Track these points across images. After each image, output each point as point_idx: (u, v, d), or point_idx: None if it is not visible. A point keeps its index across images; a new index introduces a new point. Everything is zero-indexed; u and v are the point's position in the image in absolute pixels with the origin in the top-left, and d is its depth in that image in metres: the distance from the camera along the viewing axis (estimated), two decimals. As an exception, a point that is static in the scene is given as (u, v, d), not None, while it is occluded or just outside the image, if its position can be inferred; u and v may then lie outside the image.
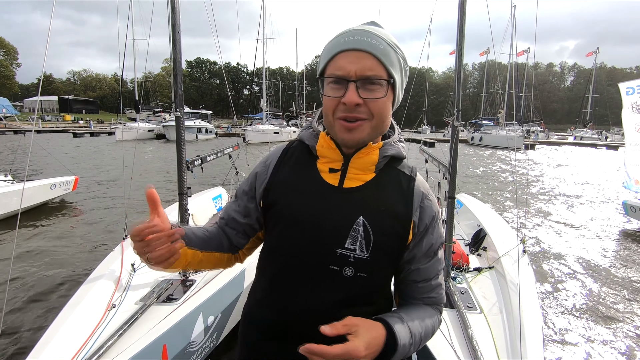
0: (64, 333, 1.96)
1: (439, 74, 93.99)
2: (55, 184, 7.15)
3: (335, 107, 0.73)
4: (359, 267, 0.76)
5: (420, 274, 0.84)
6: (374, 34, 0.72)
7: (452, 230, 3.03)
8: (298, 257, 0.77)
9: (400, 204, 0.79)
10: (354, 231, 0.75)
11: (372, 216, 0.76)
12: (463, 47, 2.82)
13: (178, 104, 2.61)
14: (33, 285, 3.97)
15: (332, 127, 0.76)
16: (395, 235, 0.78)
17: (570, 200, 9.30)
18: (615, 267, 4.91)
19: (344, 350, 0.61)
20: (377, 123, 0.75)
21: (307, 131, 0.86)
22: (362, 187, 0.79)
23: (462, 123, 2.93)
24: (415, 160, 6.25)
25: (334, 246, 0.75)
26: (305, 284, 0.77)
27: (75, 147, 20.43)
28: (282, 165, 0.84)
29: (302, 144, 0.86)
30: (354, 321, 0.66)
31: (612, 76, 75.75)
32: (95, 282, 2.52)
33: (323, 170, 0.81)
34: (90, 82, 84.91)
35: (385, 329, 0.69)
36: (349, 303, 0.77)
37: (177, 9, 2.54)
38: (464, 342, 2.18)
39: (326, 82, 0.74)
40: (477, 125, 36.53)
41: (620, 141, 32.36)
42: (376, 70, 0.71)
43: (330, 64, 0.74)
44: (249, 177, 0.90)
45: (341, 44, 0.72)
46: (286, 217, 0.79)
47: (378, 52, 0.71)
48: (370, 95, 0.71)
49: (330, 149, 0.80)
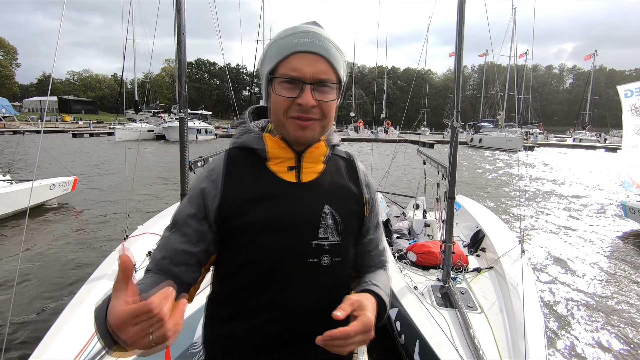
0: (67, 333, 1.97)
1: (439, 75, 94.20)
2: (55, 184, 7.14)
3: (288, 107, 0.75)
4: (334, 252, 0.80)
5: (372, 243, 0.95)
6: (325, 37, 0.75)
7: (452, 231, 3.04)
8: (276, 262, 0.77)
9: (352, 186, 0.88)
10: (323, 220, 0.80)
11: (335, 202, 0.82)
12: (462, 49, 2.84)
13: (182, 105, 2.62)
14: (33, 286, 3.97)
15: (283, 126, 0.77)
16: (355, 214, 0.86)
17: (569, 201, 9.32)
18: (613, 267, 4.93)
19: (362, 324, 0.66)
20: (327, 123, 0.79)
21: (248, 135, 0.83)
22: (318, 178, 0.83)
23: (461, 124, 2.95)
24: (415, 161, 6.17)
25: (309, 239, 0.78)
26: (290, 285, 0.78)
27: (75, 148, 20.41)
28: (231, 176, 0.80)
29: (244, 149, 0.83)
30: (354, 298, 0.71)
31: (611, 78, 76.01)
32: (97, 282, 2.52)
33: (279, 171, 0.81)
34: (90, 83, 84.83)
35: (374, 296, 0.78)
36: (331, 289, 0.81)
37: (182, 11, 2.55)
38: (465, 341, 2.19)
39: (277, 81, 0.75)
40: (476, 127, 36.61)
41: (619, 143, 32.47)
42: (329, 74, 0.75)
43: (284, 63, 0.74)
44: (192, 198, 0.80)
45: (294, 44, 0.73)
46: (254, 226, 0.76)
47: (330, 57, 0.74)
48: (323, 97, 0.74)
49: (281, 148, 0.80)
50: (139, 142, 16.15)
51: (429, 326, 2.19)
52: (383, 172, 5.75)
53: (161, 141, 26.55)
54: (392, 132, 39.63)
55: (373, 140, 24.24)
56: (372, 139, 24.23)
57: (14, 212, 6.29)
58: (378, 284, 0.86)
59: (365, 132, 40.46)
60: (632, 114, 6.23)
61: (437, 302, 2.65)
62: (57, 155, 15.24)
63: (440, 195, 4.19)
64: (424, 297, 2.71)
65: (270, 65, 0.76)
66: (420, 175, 5.26)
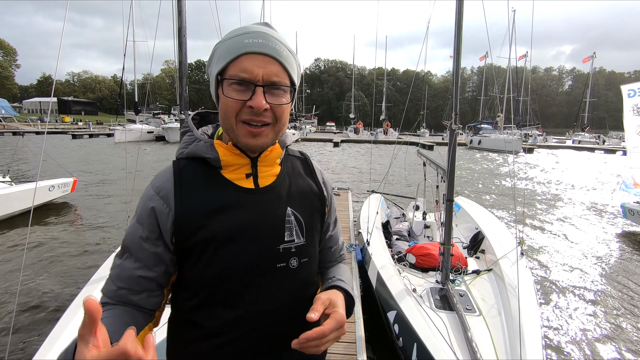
0: (68, 336, 1.97)
1: (438, 77, 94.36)
2: (54, 186, 7.13)
3: (239, 110, 0.71)
4: (301, 253, 0.80)
5: (333, 239, 0.95)
6: (276, 39, 0.73)
7: (451, 233, 3.04)
8: (244, 272, 0.74)
9: (312, 185, 0.88)
10: (287, 223, 0.79)
11: (296, 203, 0.82)
12: (460, 51, 2.85)
13: (183, 107, 2.63)
14: (33, 288, 3.96)
15: (233, 130, 0.74)
16: (317, 212, 0.86)
17: (568, 202, 9.33)
18: (613, 269, 4.93)
19: (335, 321, 0.67)
20: (280, 127, 0.76)
21: (197, 144, 0.79)
22: (276, 181, 0.82)
23: (460, 126, 2.95)
24: (413, 163, 6.16)
25: (276, 244, 0.77)
26: (260, 294, 0.75)
27: (74, 149, 20.40)
28: (183, 190, 0.74)
29: (194, 159, 0.78)
30: (324, 297, 0.72)
31: (610, 80, 76.20)
32: (97, 285, 2.53)
33: (235, 178, 0.78)
34: (90, 84, 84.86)
35: (341, 292, 0.80)
36: (300, 290, 0.81)
37: (183, 13, 2.56)
38: (463, 344, 2.19)
39: (227, 82, 0.71)
40: (475, 129, 36.64)
41: (618, 145, 32.52)
42: (281, 77, 0.72)
43: (233, 64, 0.71)
44: (141, 218, 0.73)
45: (245, 45, 0.70)
46: (216, 239, 0.72)
47: (282, 59, 0.72)
48: (275, 100, 0.72)
49: (234, 155, 0.77)
50: (139, 143, 16.15)
51: (426, 329, 2.19)
52: (383, 173, 5.76)
53: (161, 142, 26.55)
54: (391, 133, 39.65)
55: (372, 141, 24.26)
56: (372, 140, 24.25)
57: (14, 213, 6.29)
58: (343, 279, 0.86)
59: (365, 134, 40.50)
60: (633, 114, 6.23)
61: (436, 305, 2.65)
62: (57, 157, 15.23)
63: (439, 197, 4.20)
64: (423, 300, 2.71)
65: (219, 66, 0.72)
66: (420, 176, 5.26)
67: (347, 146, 29.02)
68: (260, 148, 0.76)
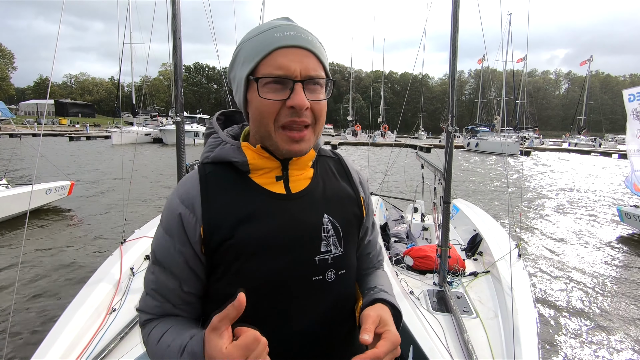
0: (66, 337, 1.98)
1: (436, 80, 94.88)
2: (51, 189, 7.09)
3: (277, 112, 0.64)
4: (338, 265, 0.73)
5: (371, 244, 0.88)
6: (308, 31, 0.66)
7: (448, 235, 3.06)
8: (277, 286, 0.67)
9: (347, 187, 0.80)
10: (324, 232, 0.71)
11: (333, 210, 0.74)
12: (456, 54, 2.88)
13: (178, 109, 2.64)
14: (31, 290, 3.94)
15: (271, 138, 0.66)
16: (355, 217, 0.79)
17: (565, 205, 9.38)
18: (609, 271, 4.96)
19: (390, 342, 0.62)
20: (319, 128, 0.70)
21: (223, 148, 0.72)
22: (310, 185, 0.74)
23: (456, 129, 2.97)
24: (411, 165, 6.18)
25: (312, 255, 0.69)
26: (295, 311, 0.68)
27: (71, 151, 20.33)
28: (210, 197, 0.68)
29: (220, 164, 0.72)
30: (373, 314, 0.67)
31: (605, 84, 76.87)
32: (95, 286, 2.53)
33: (265, 183, 0.71)
34: (87, 86, 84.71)
35: (387, 305, 0.73)
36: (338, 306, 0.74)
37: (177, 16, 2.58)
38: (460, 346, 2.20)
39: (261, 83, 0.64)
40: (473, 132, 36.83)
41: (614, 148, 32.75)
42: (318, 71, 0.65)
43: (265, 62, 0.63)
44: (170, 229, 0.68)
45: (277, 39, 0.63)
46: (246, 249, 0.66)
47: (317, 50, 0.65)
48: (315, 97, 0.65)
49: (263, 158, 0.70)
50: (136, 145, 16.10)
51: (423, 331, 2.20)
52: (381, 175, 5.77)
53: (158, 144, 26.50)
54: (389, 136, 39.79)
55: (370, 144, 24.29)
56: (370, 142, 24.33)
57: (11, 216, 6.25)
58: (385, 289, 0.79)
59: (363, 136, 40.60)
60: (633, 118, 6.28)
61: (433, 307, 2.66)
62: (54, 159, 15.17)
63: (437, 199, 4.21)
64: (420, 302, 2.72)
65: (249, 66, 0.65)
66: (419, 178, 5.29)
67: (345, 149, 29.08)
68: (302, 154, 0.69)
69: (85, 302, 2.31)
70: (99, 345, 1.96)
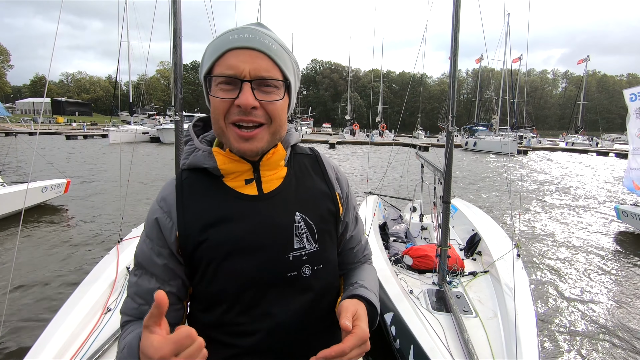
0: (60, 337, 1.96)
1: (434, 79, 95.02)
2: (47, 187, 7.05)
3: (227, 110, 0.66)
4: (314, 260, 0.75)
5: (354, 239, 0.90)
6: (266, 34, 0.68)
7: (448, 235, 3.05)
8: (252, 284, 0.70)
9: (321, 184, 0.81)
10: (296, 229, 0.74)
11: (305, 207, 0.76)
12: (457, 54, 2.87)
13: (177, 108, 2.62)
14: (26, 289, 3.91)
15: (224, 135, 0.69)
16: (330, 214, 0.80)
17: (563, 204, 9.41)
18: (607, 270, 4.97)
19: (357, 337, 0.63)
20: (276, 128, 0.70)
21: (196, 155, 0.75)
22: (282, 185, 0.76)
23: (456, 129, 2.97)
24: (410, 165, 6.14)
25: (285, 252, 0.72)
26: (271, 306, 0.71)
27: (68, 150, 20.22)
28: (185, 202, 0.72)
29: (195, 170, 0.75)
30: (352, 307, 0.68)
31: (602, 83, 77.24)
32: (90, 286, 2.51)
33: (237, 186, 0.74)
34: (84, 84, 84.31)
35: (363, 301, 0.74)
36: (316, 299, 0.76)
37: (178, 15, 2.55)
38: (460, 345, 2.19)
39: (214, 82, 0.67)
40: (471, 131, 36.92)
41: (611, 147, 32.91)
42: (272, 72, 0.67)
43: (219, 62, 0.66)
44: (150, 233, 0.73)
45: (230, 41, 0.66)
46: (220, 251, 0.69)
47: (272, 53, 0.67)
48: (266, 97, 0.67)
49: (233, 162, 0.73)
50: (134, 144, 16.03)
51: (423, 331, 2.20)
52: (380, 174, 5.77)
53: (156, 144, 26.39)
54: (387, 135, 39.81)
55: (369, 143, 24.36)
56: (368, 142, 24.35)
57: (7, 214, 6.20)
58: (365, 285, 0.80)
59: (361, 135, 40.60)
60: (636, 117, 6.29)
61: (433, 306, 2.65)
62: (50, 157, 15.07)
63: (436, 199, 4.21)
64: (420, 302, 2.71)
65: (206, 67, 0.68)
66: (418, 178, 5.29)
67: (343, 148, 29.07)
68: (256, 153, 0.70)
69: (80, 301, 2.29)
70: (93, 346, 1.94)
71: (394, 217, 5.49)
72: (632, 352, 3.14)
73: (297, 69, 0.76)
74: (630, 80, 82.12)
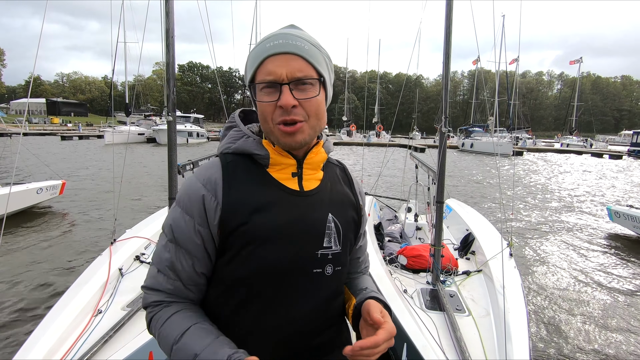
0: (48, 339, 1.94)
1: (430, 80, 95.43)
2: (42, 189, 6.99)
3: (273, 112, 0.72)
4: (336, 261, 0.80)
5: (361, 249, 0.97)
6: (297, 36, 0.73)
7: (441, 235, 3.07)
8: (280, 272, 0.73)
9: (350, 194, 0.89)
10: (328, 229, 0.79)
11: (337, 211, 0.82)
12: (449, 54, 2.89)
13: (170, 108, 2.62)
14: (17, 290, 3.88)
15: (272, 134, 0.75)
16: (354, 222, 0.87)
17: (556, 204, 9.49)
18: (599, 269, 5.02)
19: (388, 332, 0.69)
20: (315, 122, 0.75)
21: (246, 140, 0.79)
22: (320, 186, 0.82)
23: (449, 129, 2.99)
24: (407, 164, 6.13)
25: (315, 249, 0.77)
26: (296, 297, 0.75)
27: (63, 151, 20.07)
28: (231, 183, 0.74)
29: (241, 155, 0.79)
30: (376, 305, 0.75)
31: (596, 85, 77.94)
32: (81, 287, 2.49)
33: (281, 178, 0.78)
34: (80, 85, 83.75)
35: (380, 303, 0.80)
36: (331, 299, 0.81)
37: (171, 14, 2.56)
38: (453, 344, 2.21)
39: (258, 88, 0.73)
40: (467, 132, 37.08)
41: (605, 148, 33.20)
42: (306, 71, 0.72)
43: (259, 70, 0.73)
44: (190, 208, 0.73)
45: (267, 49, 0.72)
46: (259, 236, 0.72)
47: (304, 53, 0.72)
48: (304, 95, 0.72)
49: (282, 154, 0.78)
50: (130, 145, 15.96)
51: (416, 329, 2.21)
52: (375, 175, 5.79)
53: (152, 144, 26.29)
54: (383, 136, 39.91)
55: (365, 144, 24.37)
56: (364, 142, 24.43)
57: None
58: (377, 292, 0.87)
59: (358, 136, 40.68)
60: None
61: (426, 305, 2.67)
62: (46, 158, 14.96)
63: (430, 199, 4.23)
64: (414, 301, 2.73)
65: (249, 74, 0.75)
66: (413, 178, 5.31)
67: (339, 148, 29.11)
68: (300, 145, 0.75)
69: (70, 303, 2.26)
70: (82, 349, 1.91)
71: (389, 217, 5.50)
72: (623, 351, 3.18)
73: (330, 63, 0.80)
74: (624, 82, 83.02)
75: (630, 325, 3.59)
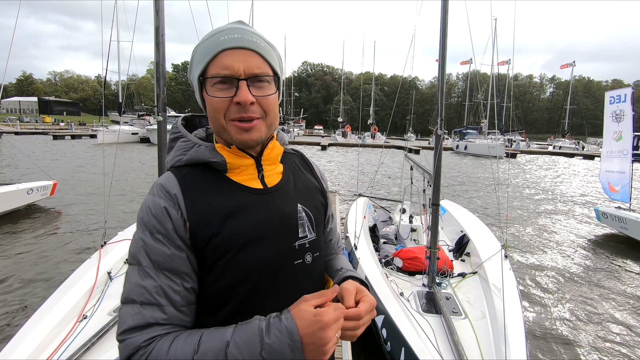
0: (29, 345, 1.87)
1: (425, 82, 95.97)
2: (33, 189, 6.88)
3: (226, 108, 0.69)
4: (313, 248, 0.81)
5: (332, 231, 0.98)
6: (252, 32, 0.72)
7: (437, 237, 3.06)
8: (264, 273, 0.72)
9: (312, 179, 0.90)
10: (300, 219, 0.79)
11: (305, 200, 0.83)
12: (445, 56, 2.89)
13: (160, 108, 2.57)
14: (6, 290, 3.78)
15: (225, 131, 0.71)
16: (322, 206, 0.88)
17: (549, 206, 9.57)
18: (590, 269, 5.06)
19: (369, 303, 0.71)
20: (271, 120, 0.74)
21: (197, 150, 0.75)
22: (282, 179, 0.82)
23: (445, 132, 2.98)
24: (400, 167, 6.18)
25: (292, 241, 0.77)
26: (283, 294, 0.74)
27: (55, 150, 19.79)
28: (193, 196, 0.70)
29: (196, 166, 0.75)
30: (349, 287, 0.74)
31: (587, 89, 79.08)
32: (67, 291, 2.42)
33: (243, 180, 0.76)
34: (72, 84, 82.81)
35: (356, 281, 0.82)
36: (315, 285, 0.82)
37: (161, 12, 2.51)
38: (450, 347, 2.19)
39: (209, 83, 0.70)
40: (461, 134, 37.31)
41: (596, 151, 33.65)
42: (263, 68, 0.71)
43: (213, 63, 0.69)
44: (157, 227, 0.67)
45: (221, 42, 0.69)
46: (234, 244, 0.69)
47: (261, 50, 0.71)
48: (261, 92, 0.71)
49: (238, 157, 0.75)
50: (123, 144, 15.77)
51: (414, 333, 2.19)
52: (370, 176, 5.76)
53: (145, 144, 26.04)
54: (378, 137, 40.02)
55: (360, 145, 24.35)
56: (359, 144, 24.35)
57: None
58: (351, 269, 0.89)
59: (353, 138, 40.75)
60: (612, 120, 6.44)
61: (423, 308, 2.65)
62: (37, 158, 14.73)
63: (426, 201, 4.23)
64: (410, 304, 2.71)
65: (199, 68, 0.71)
66: (408, 179, 5.31)
67: (334, 150, 29.09)
68: (256, 143, 0.73)
69: (54, 308, 2.19)
70: (63, 357, 1.85)
71: (384, 218, 5.50)
72: (618, 351, 3.19)
73: (282, 63, 0.79)
74: (615, 86, 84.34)
75: (624, 325, 3.61)
